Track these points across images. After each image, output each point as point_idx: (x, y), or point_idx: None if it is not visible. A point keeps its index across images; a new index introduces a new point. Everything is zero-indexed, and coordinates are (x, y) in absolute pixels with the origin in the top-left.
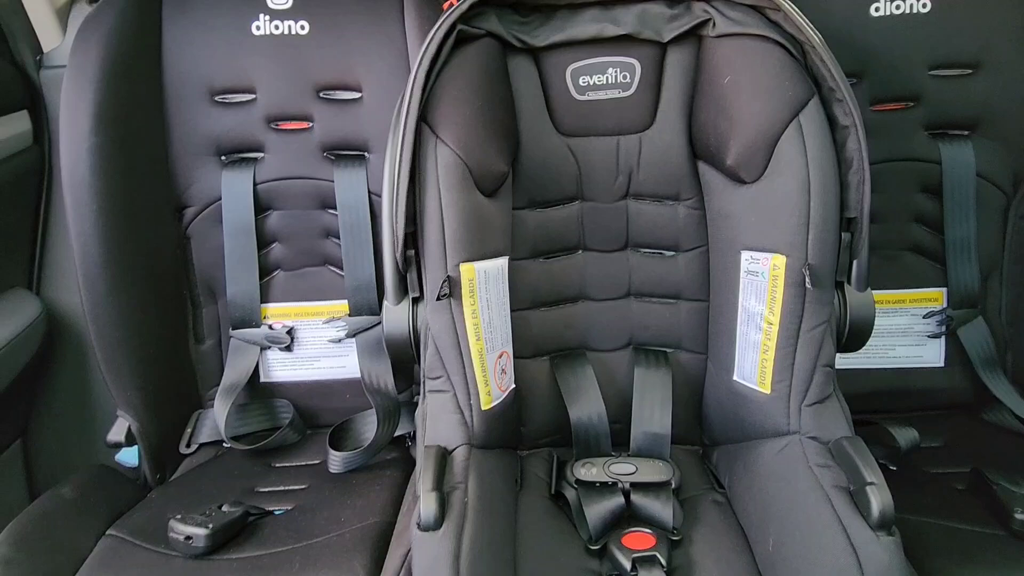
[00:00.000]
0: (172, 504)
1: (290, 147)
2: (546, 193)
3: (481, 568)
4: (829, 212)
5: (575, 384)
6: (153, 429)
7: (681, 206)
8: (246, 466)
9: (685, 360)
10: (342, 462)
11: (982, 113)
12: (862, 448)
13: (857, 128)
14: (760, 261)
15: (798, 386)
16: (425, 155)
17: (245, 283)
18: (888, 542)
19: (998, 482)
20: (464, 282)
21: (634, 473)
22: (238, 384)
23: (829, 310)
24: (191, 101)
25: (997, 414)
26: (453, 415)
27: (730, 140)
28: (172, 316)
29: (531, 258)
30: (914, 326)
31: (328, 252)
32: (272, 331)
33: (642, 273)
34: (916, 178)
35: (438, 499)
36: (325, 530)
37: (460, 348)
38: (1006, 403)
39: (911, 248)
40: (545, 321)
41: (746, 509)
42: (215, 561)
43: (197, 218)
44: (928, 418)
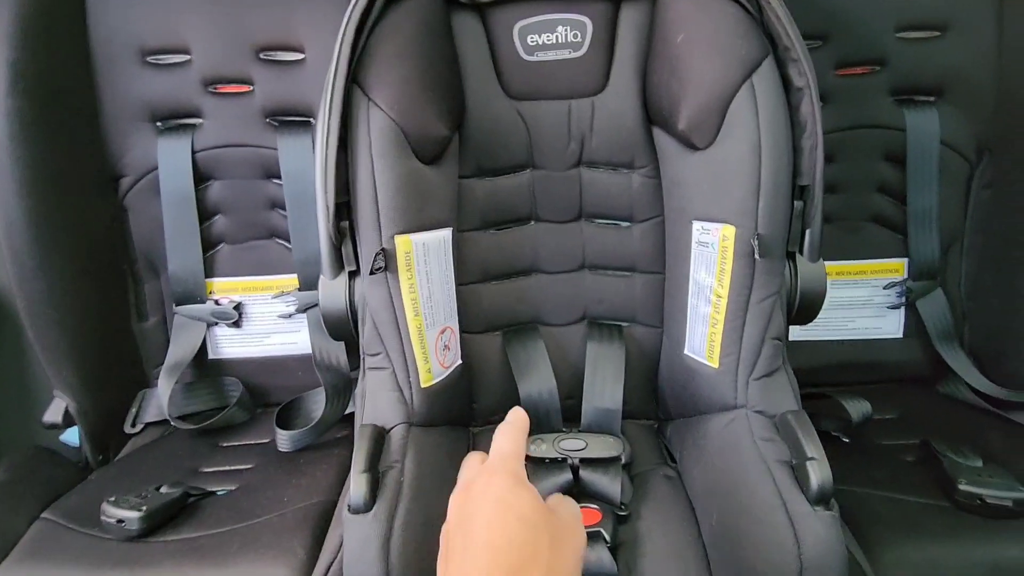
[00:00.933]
0: (111, 486)
1: (230, 112)
2: (495, 160)
3: (414, 549)
4: (780, 179)
5: (526, 359)
6: (93, 409)
7: (636, 174)
8: (192, 446)
9: (640, 334)
10: (290, 440)
11: (948, 78)
12: (806, 422)
13: (811, 90)
14: (711, 232)
15: (746, 359)
16: (357, 118)
17: (187, 257)
18: (826, 516)
19: (945, 454)
20: (400, 255)
21: (584, 449)
22: (183, 362)
23: (779, 281)
24: (120, 62)
25: (952, 386)
26: (391, 393)
27: (681, 102)
28: (111, 292)
29: (480, 229)
30: (874, 298)
31: (275, 224)
32: (218, 307)
33: (596, 245)
34: (880, 146)
35: (368, 480)
36: (267, 510)
37: (398, 324)
38: (961, 375)
39: (873, 219)
40: (496, 295)
41: (694, 483)
42: (150, 544)
43: (133, 189)
44: (884, 390)
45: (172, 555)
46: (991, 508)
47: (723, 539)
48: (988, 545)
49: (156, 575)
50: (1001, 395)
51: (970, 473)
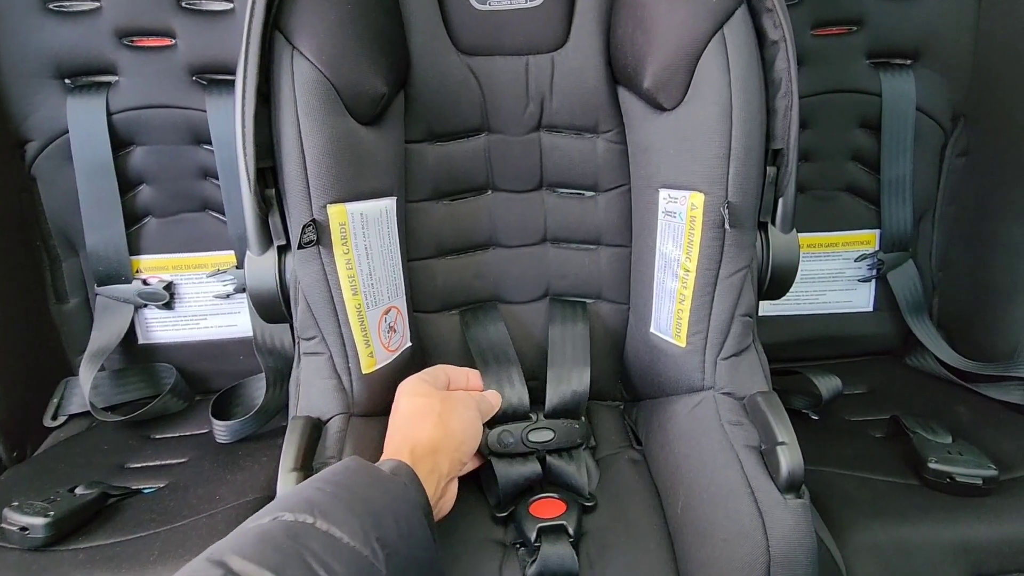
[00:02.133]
0: (22, 487)
1: (149, 69)
2: (446, 123)
3: None
4: (753, 142)
5: (486, 341)
6: (6, 403)
7: (600, 139)
8: (120, 439)
9: (606, 312)
10: (228, 431)
11: (926, 40)
12: (776, 404)
13: (787, 43)
14: (678, 200)
15: (714, 338)
16: (280, 70)
17: (107, 232)
18: (795, 505)
19: (915, 430)
20: (334, 227)
21: (551, 440)
22: (108, 347)
23: (750, 254)
24: (18, 10)
25: (920, 359)
26: (328, 380)
27: (648, 57)
28: (21, 272)
29: (432, 199)
30: (845, 270)
31: (207, 195)
32: (147, 287)
33: (558, 216)
34: (855, 111)
35: (299, 480)
36: (196, 510)
37: (334, 304)
38: (930, 348)
39: (846, 188)
40: (451, 271)
41: (659, 469)
42: (58, 552)
43: (41, 155)
44: (853, 365)
45: (81, 565)
46: (961, 486)
47: (688, 529)
48: (957, 524)
49: None
50: (969, 368)
51: (939, 450)
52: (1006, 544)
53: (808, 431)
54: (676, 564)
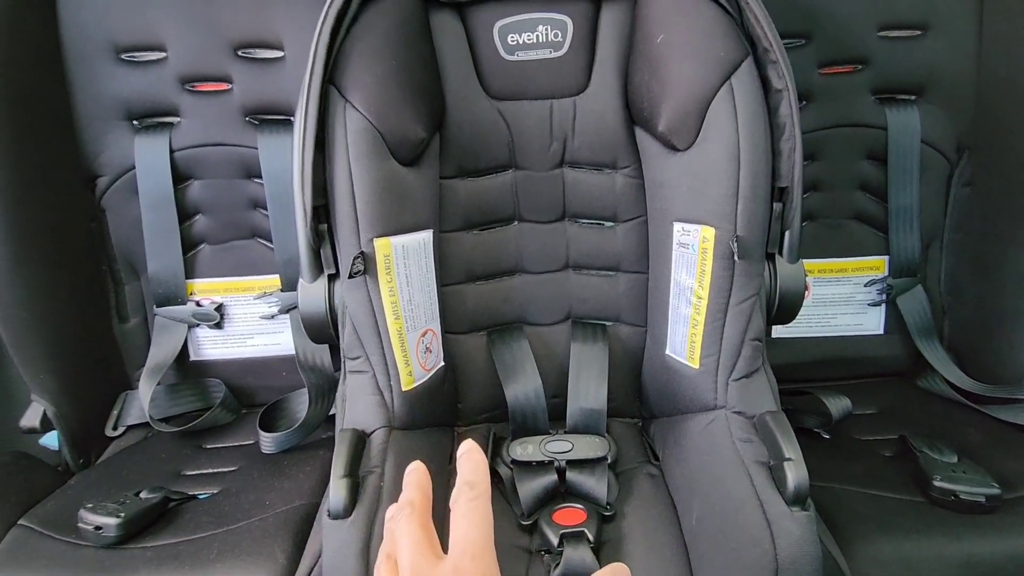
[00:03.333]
0: (91, 491)
1: (208, 111)
2: (477, 161)
3: None
4: (759, 181)
5: (511, 360)
6: (72, 413)
7: (619, 174)
8: (175, 448)
9: (625, 333)
10: (273, 443)
11: (929, 76)
12: (784, 423)
13: (790, 92)
14: (691, 233)
15: (726, 361)
16: (333, 120)
17: (167, 258)
18: (801, 517)
19: (921, 449)
20: (379, 258)
21: (570, 451)
22: (164, 363)
23: (759, 283)
24: (94, 59)
25: (931, 381)
26: (372, 396)
27: (662, 103)
28: (90, 294)
29: (464, 230)
30: (856, 295)
31: (256, 224)
32: (200, 308)
33: (580, 244)
34: (862, 144)
35: (348, 485)
36: (248, 514)
37: (378, 327)
38: (939, 370)
39: (855, 216)
40: (480, 295)
41: (675, 483)
42: (128, 550)
43: (111, 189)
44: (865, 386)
45: (150, 562)
46: (965, 504)
47: (703, 537)
48: (961, 541)
49: None
50: (978, 390)
51: (945, 469)
52: (1009, 560)
53: (819, 449)
54: (691, 572)
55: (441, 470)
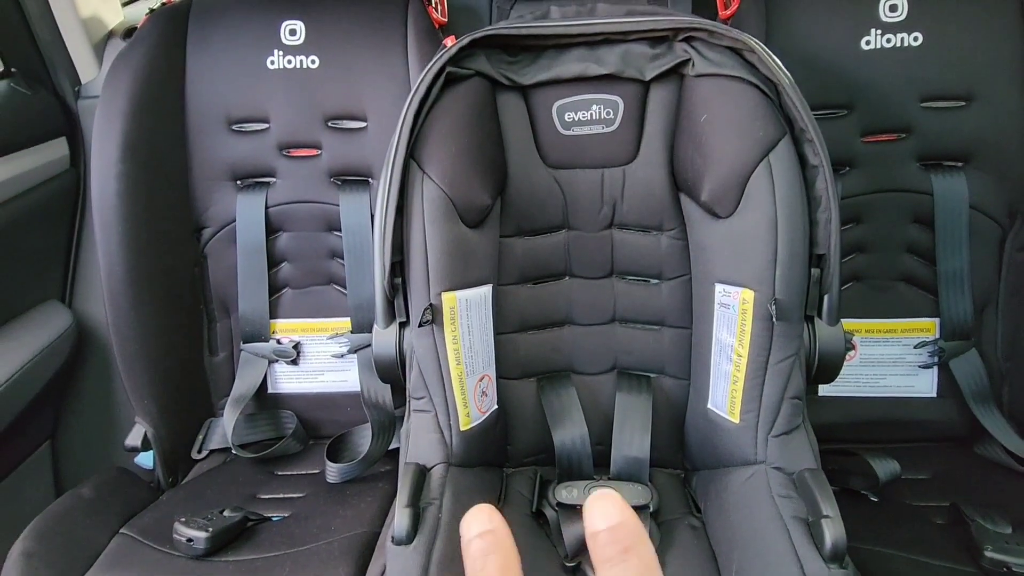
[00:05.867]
0: (180, 507)
1: (300, 173)
2: (533, 222)
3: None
4: (796, 249)
5: (559, 406)
6: (167, 435)
7: (664, 236)
8: (251, 473)
9: (668, 386)
10: (338, 473)
11: (975, 145)
12: (822, 481)
13: (825, 168)
14: (731, 294)
15: (765, 417)
16: (412, 189)
17: (256, 300)
18: (839, 575)
19: (974, 518)
20: (446, 310)
21: None
22: (247, 395)
23: (797, 343)
24: (210, 130)
25: (989, 448)
26: (433, 434)
27: (704, 176)
28: (189, 330)
29: (519, 283)
30: (905, 356)
31: (333, 272)
32: (280, 345)
33: (626, 300)
34: (908, 209)
35: (411, 515)
36: (316, 537)
37: (441, 371)
38: (997, 437)
39: (903, 278)
40: (532, 344)
41: (716, 535)
42: (214, 563)
43: (214, 239)
44: (919, 450)
45: (232, 574)
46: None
47: None
48: None
49: None
50: None
51: (998, 540)
52: None
53: (866, 512)
54: None
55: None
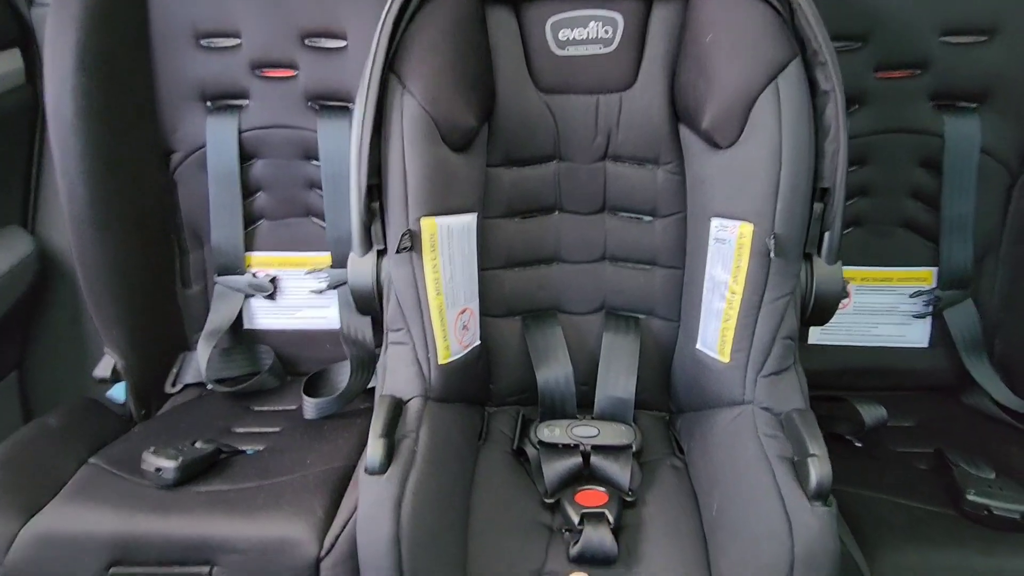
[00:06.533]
0: (152, 438)
1: (275, 95)
2: (522, 151)
3: (424, 513)
4: (799, 181)
5: (544, 345)
6: (138, 367)
7: (660, 170)
8: (226, 407)
9: (657, 327)
10: (315, 408)
11: (993, 84)
12: (811, 420)
13: (837, 94)
14: (728, 229)
15: (756, 356)
16: (391, 106)
17: (229, 230)
18: (822, 512)
19: (958, 463)
20: (425, 237)
21: (596, 436)
22: (221, 329)
23: (794, 282)
24: (177, 45)
25: (976, 398)
26: (411, 367)
27: (707, 101)
28: (159, 260)
29: (506, 217)
30: (900, 305)
31: (311, 203)
32: (256, 279)
33: (618, 237)
34: (916, 151)
35: (385, 445)
36: (290, 470)
37: (420, 302)
38: (986, 388)
39: (904, 224)
40: (518, 281)
41: (698, 475)
42: (184, 492)
43: (183, 164)
44: (906, 398)
45: (203, 504)
46: (997, 520)
47: (721, 528)
48: (989, 556)
49: (188, 521)
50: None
51: (980, 484)
52: None
53: (850, 456)
54: (708, 561)
55: (471, 446)
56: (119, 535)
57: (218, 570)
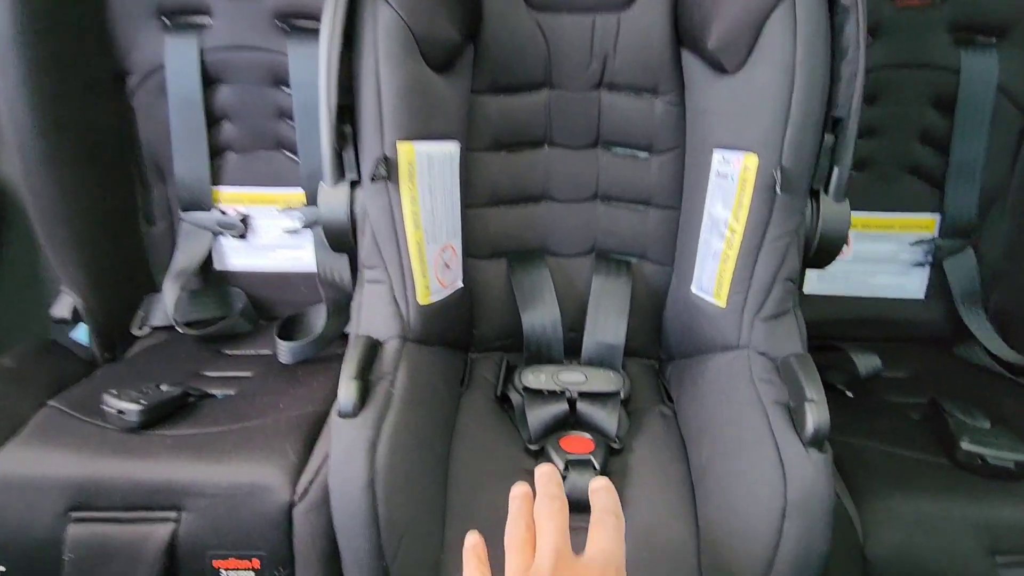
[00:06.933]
0: (116, 381)
1: (239, 13)
2: (511, 76)
3: (401, 457)
4: (813, 107)
5: (530, 288)
6: (100, 308)
7: (659, 100)
8: (196, 351)
9: (649, 271)
10: (290, 352)
11: (1014, 16)
12: (809, 365)
13: (859, 10)
14: (731, 162)
15: (754, 299)
16: (363, 14)
17: (193, 162)
18: (818, 458)
19: (953, 412)
20: (403, 164)
21: (583, 382)
22: (189, 269)
23: (798, 219)
24: None
25: (970, 350)
26: (387, 307)
27: (714, 18)
28: (118, 195)
29: (492, 150)
30: (900, 253)
31: (282, 135)
32: (225, 217)
33: (611, 175)
34: (930, 88)
35: (358, 387)
36: (262, 414)
37: (397, 236)
38: (980, 339)
39: (910, 169)
40: (504, 220)
41: (688, 422)
42: (149, 436)
43: (140, 88)
44: (899, 349)
45: (170, 448)
46: (991, 468)
47: (710, 475)
48: (982, 504)
49: (153, 465)
50: (1019, 361)
51: (975, 433)
52: None
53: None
54: (696, 508)
55: (452, 392)
56: (79, 479)
57: (186, 515)
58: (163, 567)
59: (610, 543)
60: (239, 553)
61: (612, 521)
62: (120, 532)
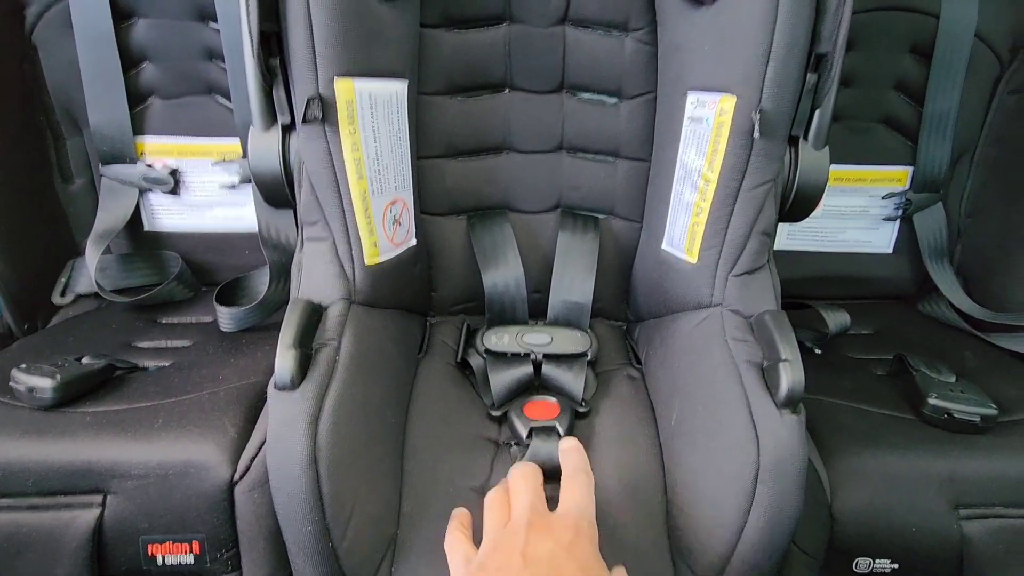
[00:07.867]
0: (32, 355)
1: None
2: (465, 7)
3: (347, 430)
4: (797, 41)
5: (491, 246)
6: (13, 275)
7: (629, 38)
8: (127, 320)
9: (618, 228)
10: (231, 319)
11: None
12: (784, 323)
13: None
14: (707, 105)
15: (728, 254)
16: None
17: (111, 109)
18: (791, 420)
19: (919, 368)
20: (341, 104)
21: (548, 344)
22: (113, 229)
23: (777, 167)
24: None
25: (933, 305)
26: (330, 266)
27: None
28: (26, 148)
29: (446, 94)
30: (870, 208)
31: (212, 78)
32: (151, 170)
33: (577, 122)
34: (908, 33)
35: (297, 357)
36: (199, 387)
37: (338, 187)
38: (945, 293)
39: (884, 120)
40: (461, 173)
41: (657, 384)
42: (66, 414)
43: (40, 21)
44: (864, 306)
45: (89, 427)
46: (957, 423)
47: (680, 437)
48: (947, 459)
49: (70, 445)
50: (982, 316)
51: (941, 388)
52: (993, 480)
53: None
54: (664, 471)
55: (408, 358)
56: None
57: (112, 499)
58: (89, 555)
59: (582, 498)
60: (176, 536)
61: (583, 478)
62: (37, 520)
